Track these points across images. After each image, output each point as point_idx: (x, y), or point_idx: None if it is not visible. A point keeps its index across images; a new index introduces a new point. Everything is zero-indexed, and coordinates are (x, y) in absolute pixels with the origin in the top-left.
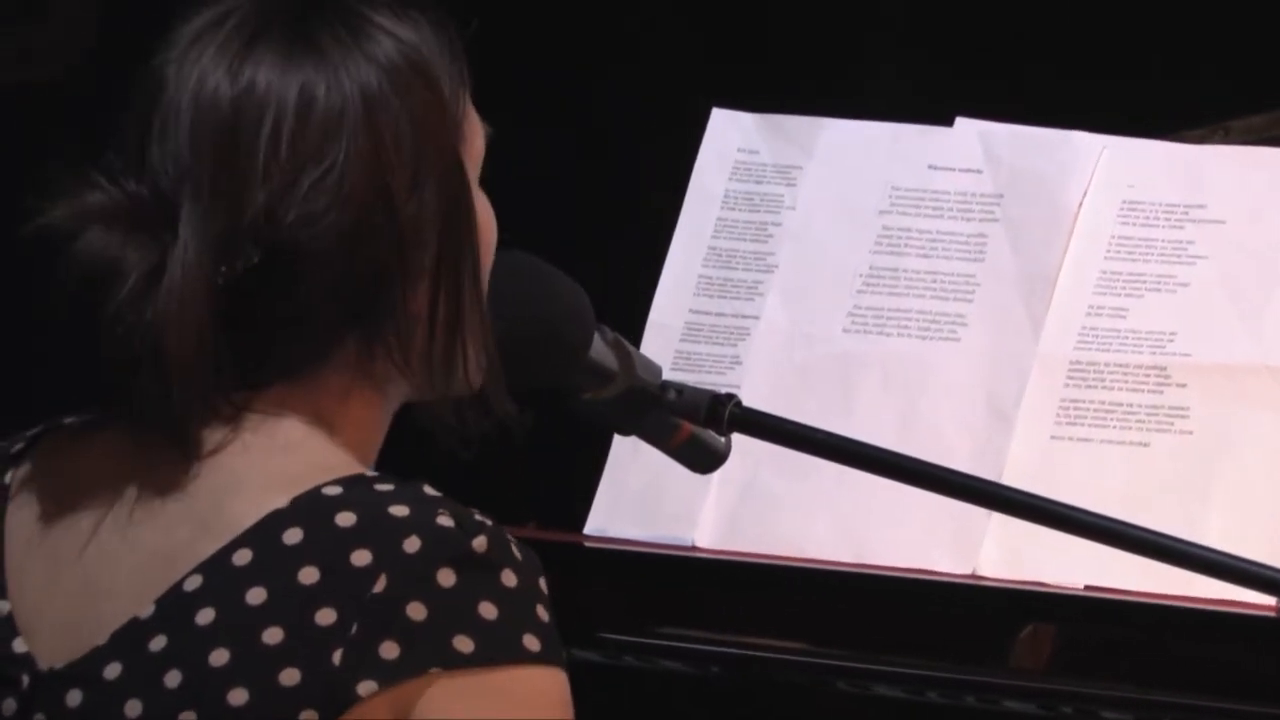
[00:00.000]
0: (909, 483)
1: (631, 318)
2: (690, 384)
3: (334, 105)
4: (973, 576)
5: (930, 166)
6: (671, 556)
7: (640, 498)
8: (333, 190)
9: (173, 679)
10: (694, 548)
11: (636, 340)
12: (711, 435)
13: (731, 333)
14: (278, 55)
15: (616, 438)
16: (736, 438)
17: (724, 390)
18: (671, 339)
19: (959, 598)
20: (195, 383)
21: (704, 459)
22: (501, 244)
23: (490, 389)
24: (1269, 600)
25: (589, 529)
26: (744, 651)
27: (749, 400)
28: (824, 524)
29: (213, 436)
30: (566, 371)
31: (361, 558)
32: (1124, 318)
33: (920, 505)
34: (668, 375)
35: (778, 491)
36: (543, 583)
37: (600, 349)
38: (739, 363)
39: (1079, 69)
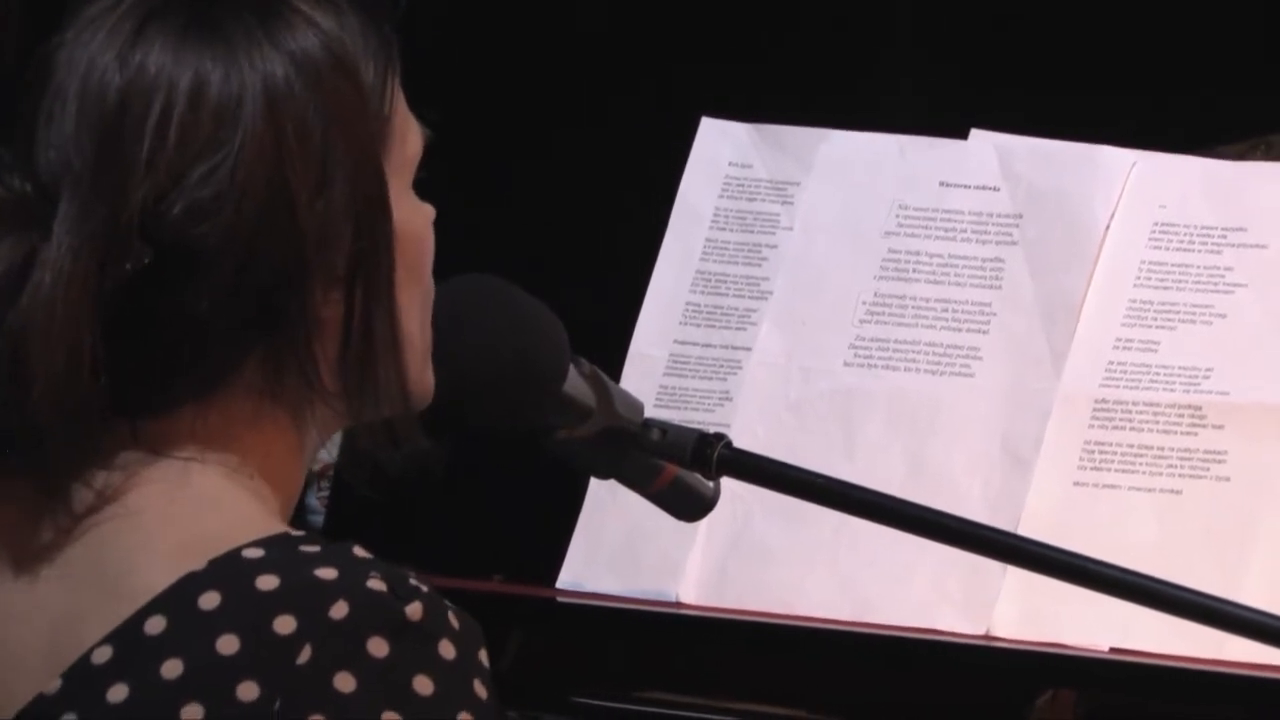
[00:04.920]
0: (916, 533)
1: (611, 348)
2: (675, 422)
3: (231, 91)
4: (986, 637)
5: (942, 183)
6: (653, 613)
7: (619, 548)
8: (224, 181)
9: None
10: (678, 603)
11: (616, 374)
12: (698, 479)
13: (721, 365)
14: (172, 38)
15: (593, 481)
16: (726, 482)
17: (712, 429)
18: (655, 372)
19: (971, 661)
20: (65, 404)
21: (690, 505)
22: (466, 267)
23: (400, 420)
24: None
25: (562, 583)
26: (732, 719)
27: (740, 441)
28: (822, 578)
29: (104, 477)
30: (538, 408)
31: (285, 625)
32: (1155, 351)
33: (928, 558)
34: (650, 412)
35: (771, 542)
36: (483, 655)
37: (575, 383)
38: (729, 399)
39: (1106, 77)
